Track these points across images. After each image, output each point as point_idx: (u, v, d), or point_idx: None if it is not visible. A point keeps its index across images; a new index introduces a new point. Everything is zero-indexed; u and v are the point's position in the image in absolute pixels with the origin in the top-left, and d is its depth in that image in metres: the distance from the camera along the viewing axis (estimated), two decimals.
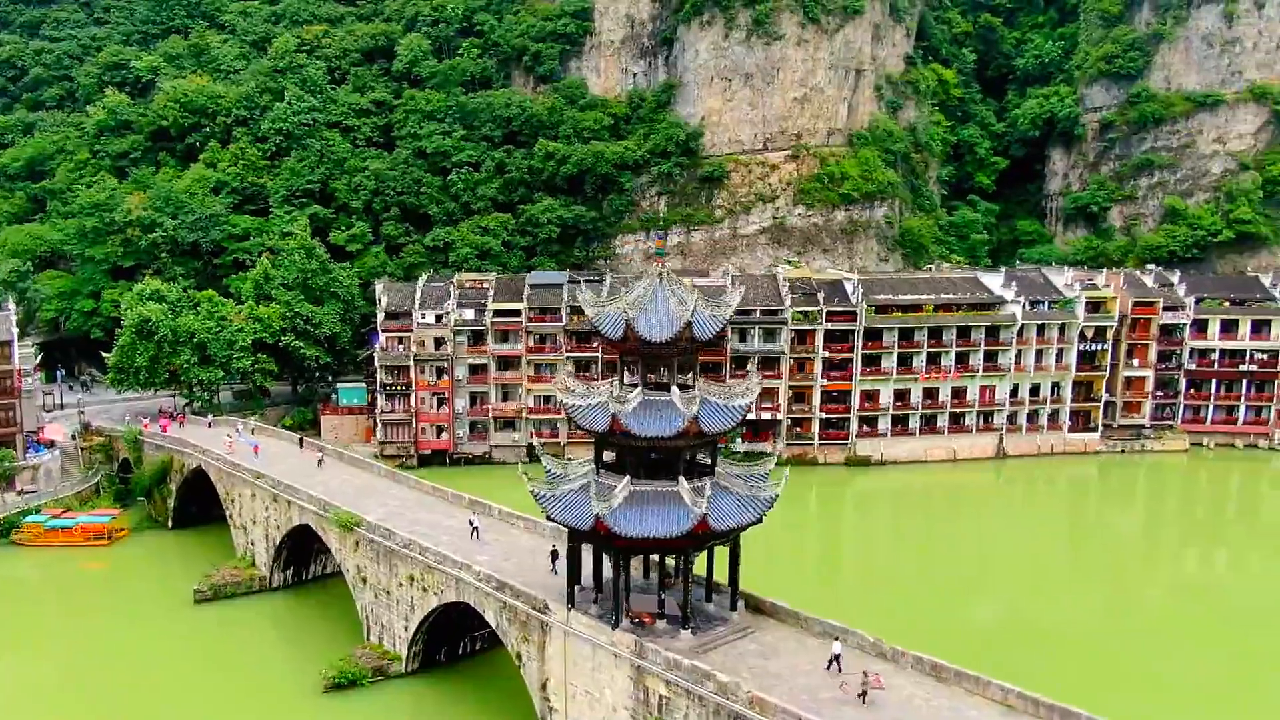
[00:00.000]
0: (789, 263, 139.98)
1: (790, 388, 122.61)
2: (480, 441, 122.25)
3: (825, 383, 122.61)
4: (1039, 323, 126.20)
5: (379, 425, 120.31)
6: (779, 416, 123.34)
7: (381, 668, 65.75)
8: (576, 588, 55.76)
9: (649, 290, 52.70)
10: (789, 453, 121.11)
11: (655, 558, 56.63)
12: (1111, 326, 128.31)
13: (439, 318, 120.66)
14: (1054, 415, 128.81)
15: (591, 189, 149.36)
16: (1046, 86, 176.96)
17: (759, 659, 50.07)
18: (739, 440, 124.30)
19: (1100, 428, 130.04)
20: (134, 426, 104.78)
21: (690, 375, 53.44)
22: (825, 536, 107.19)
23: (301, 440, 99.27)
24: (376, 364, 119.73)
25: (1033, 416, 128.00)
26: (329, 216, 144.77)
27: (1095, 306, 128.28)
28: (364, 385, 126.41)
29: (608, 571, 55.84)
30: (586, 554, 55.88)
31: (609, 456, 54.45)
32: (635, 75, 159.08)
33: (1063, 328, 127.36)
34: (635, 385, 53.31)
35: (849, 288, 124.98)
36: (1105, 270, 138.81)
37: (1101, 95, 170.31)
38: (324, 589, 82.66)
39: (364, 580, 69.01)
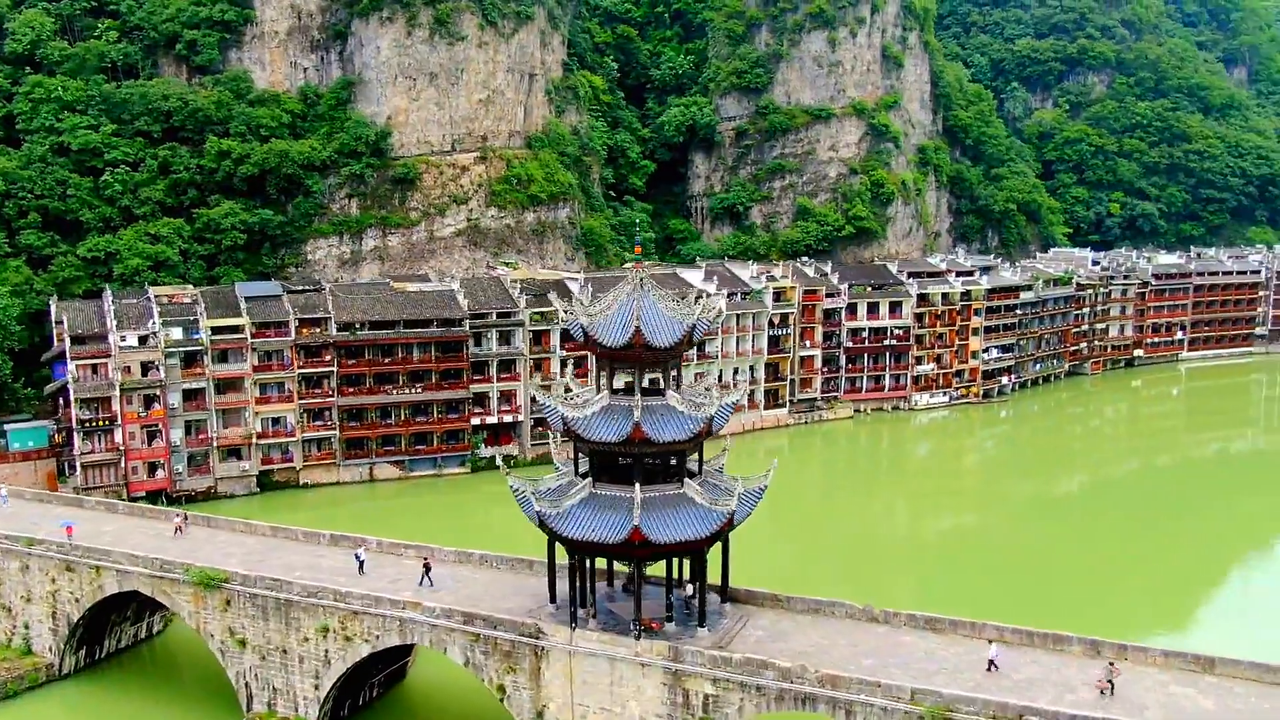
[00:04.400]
0: (506, 264, 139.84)
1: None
2: (203, 475, 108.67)
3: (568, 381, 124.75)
4: (738, 313, 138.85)
5: (78, 469, 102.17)
6: (520, 418, 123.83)
7: None
8: (555, 606, 54.37)
9: (635, 297, 52.70)
10: (534, 453, 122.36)
11: (617, 564, 56.57)
12: (793, 313, 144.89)
13: (143, 339, 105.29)
14: (752, 395, 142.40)
15: (275, 191, 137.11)
16: (684, 96, 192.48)
17: (776, 642, 52.35)
18: (482, 445, 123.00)
19: (787, 403, 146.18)
20: None
21: (676, 379, 54.27)
22: None
23: None
24: (72, 397, 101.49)
25: None
26: None
27: (778, 296, 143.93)
28: (46, 425, 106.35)
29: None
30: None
31: (590, 465, 53.48)
32: (306, 70, 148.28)
33: (754, 316, 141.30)
34: (620, 391, 53.06)
35: (575, 287, 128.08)
36: (780, 264, 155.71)
37: (734, 106, 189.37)
38: (123, 666, 70.14)
39: (242, 643, 59.99)
